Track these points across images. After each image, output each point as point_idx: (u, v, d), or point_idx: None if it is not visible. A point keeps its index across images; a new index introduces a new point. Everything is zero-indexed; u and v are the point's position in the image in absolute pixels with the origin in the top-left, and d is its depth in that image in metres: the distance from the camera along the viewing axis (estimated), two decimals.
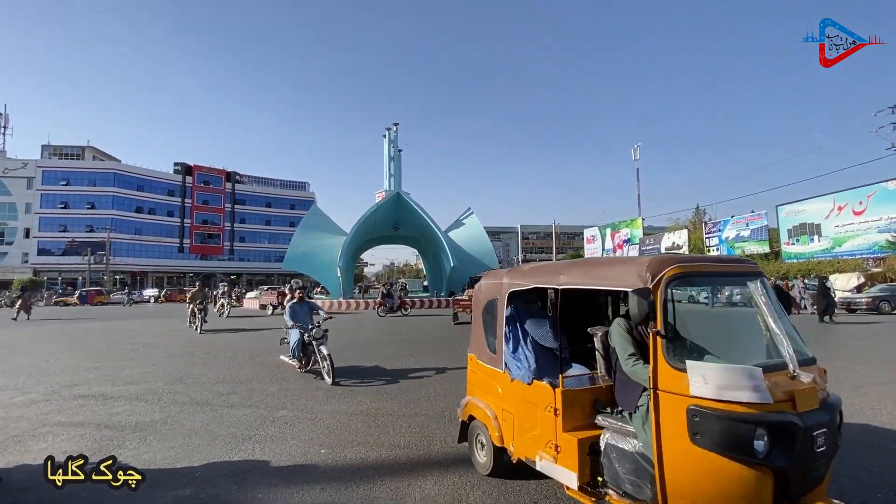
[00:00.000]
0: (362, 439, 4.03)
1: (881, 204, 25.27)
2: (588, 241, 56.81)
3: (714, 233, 38.08)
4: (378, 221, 31.01)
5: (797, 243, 30.38)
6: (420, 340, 11.15)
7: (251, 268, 73.92)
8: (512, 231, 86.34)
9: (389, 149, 32.08)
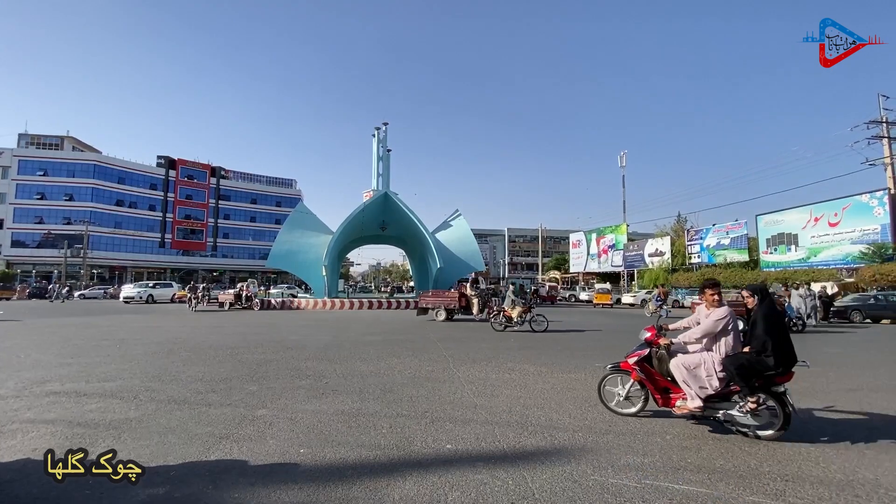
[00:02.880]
0: (342, 439, 4.01)
1: (855, 216, 26.12)
2: (574, 246, 57.41)
3: (696, 240, 38.87)
4: (365, 221, 30.86)
5: (775, 252, 31.20)
6: (404, 341, 11.12)
7: (234, 265, 72.81)
8: (499, 234, 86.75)
9: (378, 148, 31.97)
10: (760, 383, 4.04)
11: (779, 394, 4.05)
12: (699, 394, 4.20)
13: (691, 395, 4.24)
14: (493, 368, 7.57)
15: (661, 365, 4.57)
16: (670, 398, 4.49)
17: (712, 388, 4.17)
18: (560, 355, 9.14)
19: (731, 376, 4.06)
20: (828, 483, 3.19)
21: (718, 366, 4.18)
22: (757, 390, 4.02)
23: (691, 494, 2.99)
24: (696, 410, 4.23)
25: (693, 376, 4.25)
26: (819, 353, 9.80)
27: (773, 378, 4.04)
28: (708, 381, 4.18)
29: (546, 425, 4.51)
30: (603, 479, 3.24)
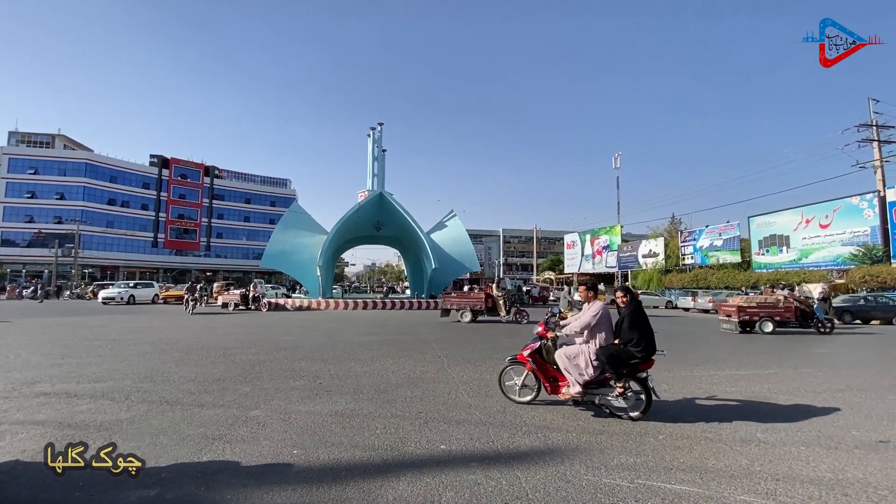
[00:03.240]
0: (336, 440, 4.00)
1: (845, 218, 26.42)
2: (568, 247, 57.64)
3: (689, 242, 39.15)
4: (360, 221, 30.79)
5: (767, 254, 31.49)
6: (398, 342, 11.11)
7: (228, 265, 72.40)
8: (494, 234, 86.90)
9: (373, 148, 31.90)
10: (628, 370, 4.67)
11: (642, 379, 4.72)
12: (579, 380, 4.77)
13: (572, 381, 4.82)
14: (488, 369, 7.57)
15: (549, 356, 5.08)
16: (558, 386, 5.03)
17: (588, 376, 4.75)
18: None
19: (604, 365, 4.65)
20: (818, 482, 3.23)
21: (594, 356, 4.74)
22: (625, 377, 4.65)
23: (683, 494, 3.01)
24: (577, 395, 4.80)
25: (574, 365, 4.82)
26: (809, 354, 9.91)
27: (637, 366, 4.69)
28: (585, 370, 4.76)
29: (540, 425, 4.52)
30: (596, 478, 3.25)
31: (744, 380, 6.92)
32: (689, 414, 4.98)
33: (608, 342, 4.76)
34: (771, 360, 8.92)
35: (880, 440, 4.17)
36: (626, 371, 4.66)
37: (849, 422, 4.77)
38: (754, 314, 13.98)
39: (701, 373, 7.48)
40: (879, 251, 24.34)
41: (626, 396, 4.66)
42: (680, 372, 7.50)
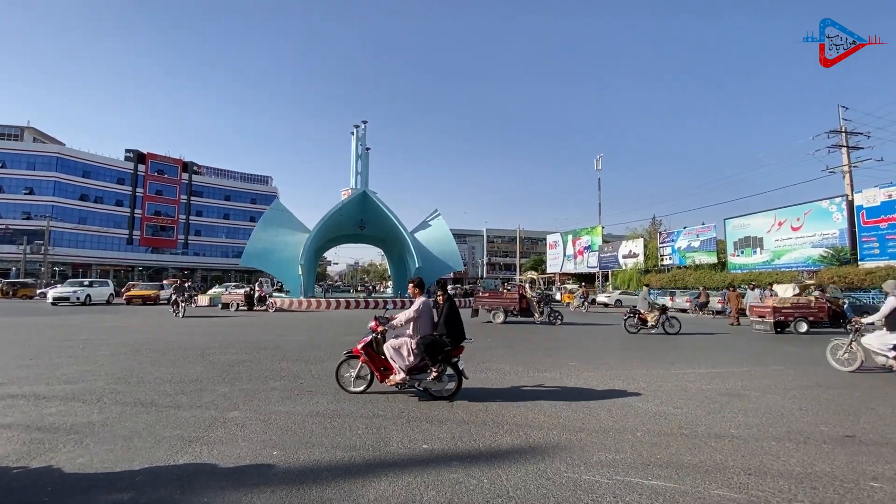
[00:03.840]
0: (317, 441, 3.96)
1: (816, 221, 27.35)
2: (550, 247, 58.19)
3: (668, 242, 39.95)
4: (343, 219, 30.53)
5: (742, 255, 32.36)
6: None
7: (207, 263, 70.82)
8: (478, 234, 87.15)
9: (357, 146, 31.66)
10: (443, 357, 5.32)
11: (455, 363, 5.38)
12: (403, 368, 5.33)
13: (397, 369, 5.36)
14: (470, 368, 7.57)
15: (379, 348, 5.52)
16: (389, 374, 5.47)
17: (409, 363, 5.32)
18: (535, 354, 9.26)
19: (422, 352, 5.28)
20: (787, 476, 3.34)
21: (414, 345, 5.33)
22: (440, 362, 5.30)
23: (660, 489, 3.08)
24: (401, 381, 5.34)
25: (398, 354, 5.36)
26: (785, 353, 10.23)
27: (450, 352, 5.35)
28: (407, 358, 5.33)
29: (521, 423, 4.56)
30: (576, 475, 3.30)
31: (719, 377, 7.11)
32: (669, 409, 5.09)
33: (426, 332, 5.41)
34: (746, 359, 9.17)
35: (847, 435, 4.34)
36: (441, 357, 5.31)
37: (817, 417, 4.95)
38: (789, 315, 14.24)
39: (678, 371, 7.65)
40: (847, 253, 25.28)
41: (441, 379, 5.33)
42: (658, 370, 7.66)
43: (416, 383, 5.38)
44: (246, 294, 22.79)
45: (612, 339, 12.49)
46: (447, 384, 5.41)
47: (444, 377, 5.37)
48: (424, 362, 5.34)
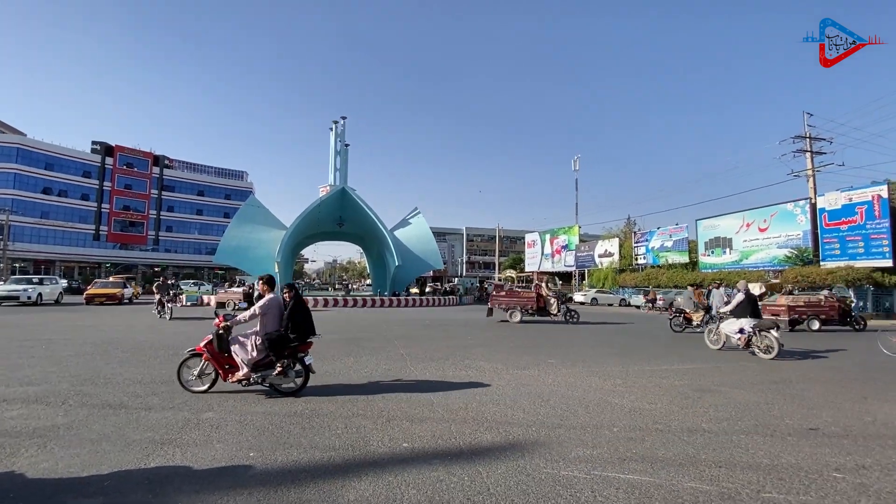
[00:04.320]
0: (295, 441, 3.90)
1: (781, 223, 28.50)
2: (529, 246, 58.80)
3: (642, 242, 40.91)
4: (321, 216, 30.12)
5: (712, 255, 33.45)
6: (361, 340, 10.96)
7: (178, 260, 68.68)
8: (457, 233, 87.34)
9: (336, 142, 31.28)
10: (289, 352, 5.37)
11: (301, 359, 5.40)
12: (247, 364, 5.27)
13: (241, 364, 5.29)
14: (450, 366, 7.62)
15: (223, 345, 5.39)
16: (233, 372, 5.37)
17: (253, 358, 5.28)
18: (514, 352, 9.35)
19: (266, 348, 5.29)
20: (755, 468, 3.47)
21: (259, 341, 5.33)
22: (285, 357, 5.33)
23: (636, 483, 3.15)
24: (245, 378, 5.27)
25: (242, 349, 5.32)
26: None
27: (297, 348, 5.43)
28: (251, 353, 5.30)
29: (501, 421, 4.60)
30: (555, 471, 3.34)
31: (691, 373, 7.33)
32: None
33: (272, 328, 5.41)
34: (715, 355, 9.47)
35: (810, 427, 4.54)
36: (287, 353, 5.36)
37: (783, 411, 5.16)
38: (802, 313, 14.98)
39: (652, 367, 7.85)
40: (810, 253, 26.45)
41: (287, 375, 5.33)
42: (634, 366, 7.85)
43: (262, 379, 5.33)
44: (245, 293, 21.14)
45: (595, 337, 12.72)
46: (294, 379, 5.42)
47: (291, 373, 5.36)
48: (269, 358, 5.32)
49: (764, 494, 3.02)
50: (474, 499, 2.89)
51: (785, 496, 3.00)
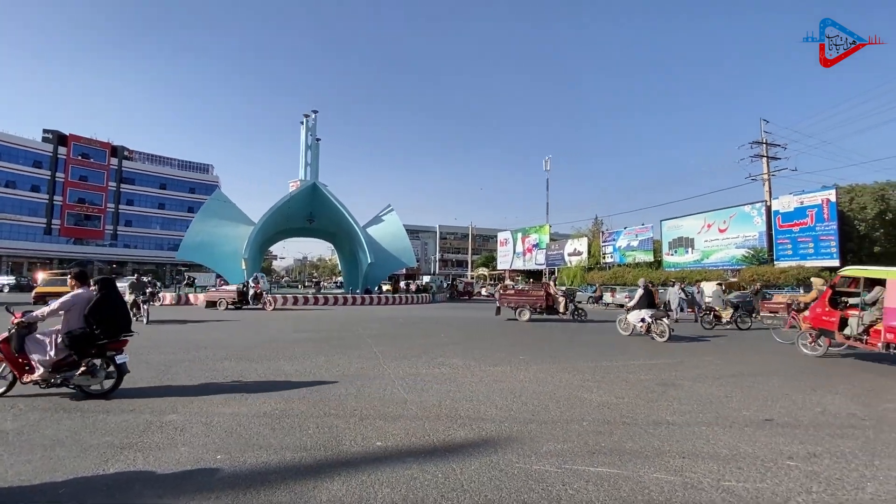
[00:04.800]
0: (265, 442, 3.80)
1: (739, 224, 29.90)
2: (501, 244, 59.42)
3: (609, 241, 42.06)
4: (291, 212, 29.45)
5: (675, 254, 34.77)
6: (332, 339, 10.80)
7: (138, 256, 65.75)
8: (431, 231, 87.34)
9: (307, 136, 30.65)
10: (96, 351, 5.05)
11: (112, 358, 5.11)
12: (44, 363, 4.85)
13: (37, 364, 4.87)
14: (424, 364, 7.61)
15: (20, 343, 4.95)
16: (30, 373, 4.91)
17: (52, 358, 4.87)
18: (487, 349, 9.43)
19: (67, 346, 4.91)
20: (716, 457, 3.64)
21: (59, 339, 4.93)
22: (91, 356, 5.00)
23: (604, 475, 3.25)
24: (43, 378, 4.85)
25: (39, 348, 4.90)
26: (711, 344, 11.09)
27: (106, 346, 5.09)
28: (49, 352, 4.88)
29: (474, 417, 4.63)
30: (527, 465, 3.40)
31: (656, 368, 7.60)
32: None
33: (75, 325, 4.95)
34: (679, 351, 9.85)
35: (766, 419, 4.79)
36: (93, 351, 5.03)
37: (741, 403, 5.42)
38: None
39: (618, 362, 8.09)
40: (765, 253, 27.87)
41: (96, 375, 4.99)
42: (603, 362, 8.06)
43: (66, 381, 4.93)
44: (239, 291, 20.51)
45: (570, 335, 12.98)
46: (102, 381, 5.08)
47: (100, 373, 5.03)
48: (72, 358, 4.95)
49: (724, 483, 3.17)
50: (448, 495, 2.91)
51: (743, 484, 3.15)
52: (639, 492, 3.01)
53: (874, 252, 25.92)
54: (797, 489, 3.10)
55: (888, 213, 25.66)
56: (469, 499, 2.87)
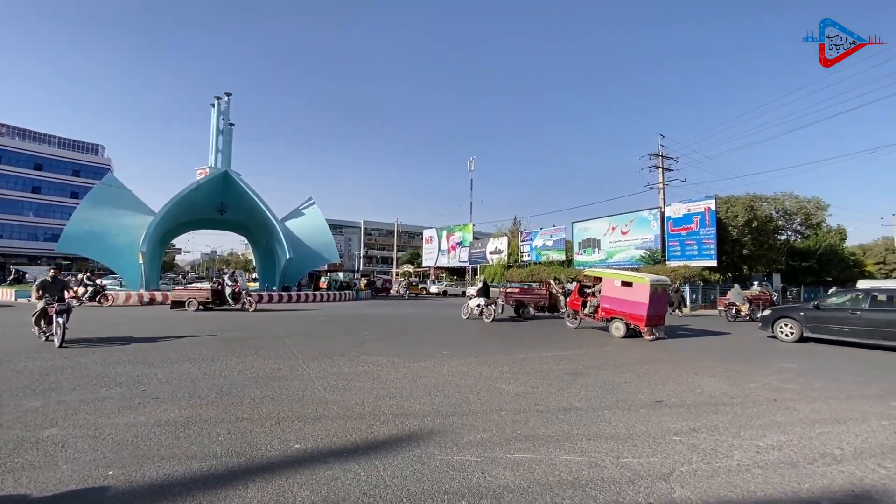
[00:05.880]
0: (167, 453, 3.48)
1: (639, 227, 33.14)
2: (427, 241, 59.82)
3: (527, 241, 44.33)
4: (199, 202, 27.00)
5: (584, 254, 37.65)
6: (245, 339, 10.14)
7: (6, 247, 56.02)
8: (355, 226, 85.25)
9: (218, 120, 28.26)
10: None
11: None
12: None
13: None
14: (346, 362, 7.45)
15: None
16: None
17: None
18: (410, 346, 9.48)
19: None
20: (616, 437, 4.04)
21: None
22: None
23: (520, 461, 3.45)
24: None
25: None
26: (600, 336, 12.19)
27: None
28: None
29: (398, 413, 4.65)
30: (448, 457, 3.50)
31: (566, 359, 8.19)
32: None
33: None
34: (588, 341, 10.69)
35: (657, 401, 5.40)
36: None
37: (637, 388, 6.05)
38: (756, 304, 18.36)
39: (533, 354, 8.59)
40: (659, 254, 31.23)
41: None
42: (519, 355, 8.50)
43: None
44: (214, 290, 18.36)
45: (490, 330, 13.42)
46: None
47: None
48: None
49: (622, 460, 3.53)
50: (370, 493, 2.90)
51: (637, 459, 3.54)
52: (550, 473, 3.25)
53: (743, 254, 30.27)
54: (680, 460, 3.55)
55: (755, 221, 30.06)
56: (391, 494, 2.89)
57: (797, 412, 5.04)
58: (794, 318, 11.71)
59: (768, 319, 12.46)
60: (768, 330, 12.29)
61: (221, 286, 18.75)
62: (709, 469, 3.40)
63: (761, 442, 4.03)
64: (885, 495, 3.06)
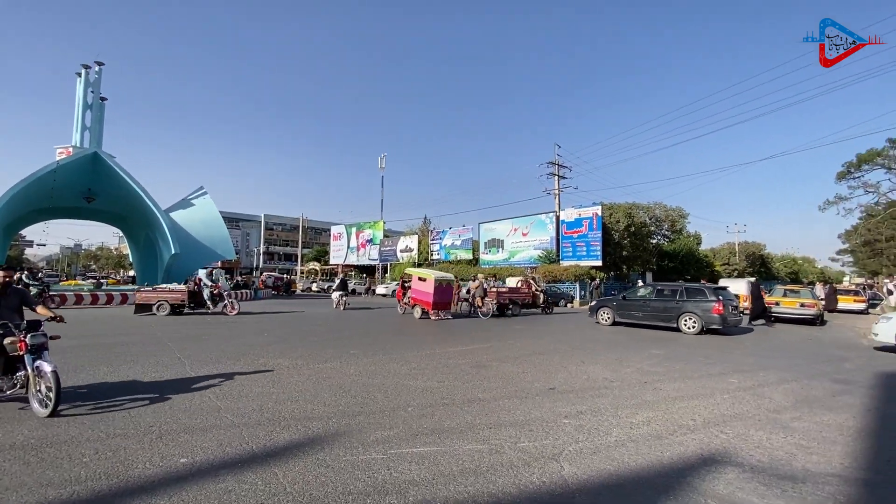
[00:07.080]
0: (16, 482, 2.94)
1: (537, 230, 35.69)
2: (335, 238, 57.80)
3: (437, 240, 45.17)
4: (60, 186, 23.03)
5: (490, 253, 39.53)
6: (118, 345, 8.90)
7: None
8: (255, 220, 79.25)
9: (85, 93, 24.37)
10: None
11: None
12: None
13: None
14: (242, 366, 6.93)
15: None
16: None
17: None
18: (314, 346, 9.12)
19: None
20: (515, 424, 4.32)
21: None
22: None
23: (426, 454, 3.53)
24: None
25: None
26: (511, 329, 12.97)
27: None
28: None
29: (300, 417, 4.46)
30: (354, 457, 3.46)
31: (471, 353, 8.53)
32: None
33: None
34: (491, 336, 11.24)
35: (550, 388, 5.88)
36: None
37: (534, 377, 6.53)
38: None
39: (441, 350, 8.81)
40: (554, 254, 33.96)
41: None
42: (426, 350, 8.65)
43: None
44: (190, 291, 16.16)
45: (400, 325, 13.37)
46: None
47: None
48: None
49: (520, 444, 3.80)
50: (268, 501, 2.76)
51: (533, 443, 3.84)
52: (454, 463, 3.38)
53: (623, 255, 34.17)
54: (569, 441, 3.92)
55: (633, 227, 34.13)
56: (292, 501, 2.78)
57: (662, 391, 5.86)
58: (609, 307, 14.66)
59: (594, 308, 15.34)
60: (594, 317, 15.10)
61: (199, 287, 16.66)
62: (592, 447, 3.81)
63: (634, 419, 4.61)
64: (725, 455, 3.70)
